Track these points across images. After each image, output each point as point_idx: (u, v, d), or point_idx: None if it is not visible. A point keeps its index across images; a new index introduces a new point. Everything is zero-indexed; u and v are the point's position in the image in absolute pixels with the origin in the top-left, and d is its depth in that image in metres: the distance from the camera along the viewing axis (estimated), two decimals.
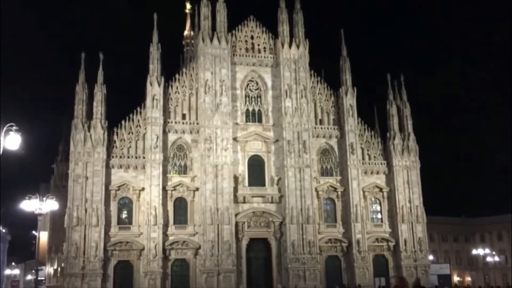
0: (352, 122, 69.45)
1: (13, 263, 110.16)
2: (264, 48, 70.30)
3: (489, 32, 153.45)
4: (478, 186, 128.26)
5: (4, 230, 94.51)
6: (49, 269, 71.45)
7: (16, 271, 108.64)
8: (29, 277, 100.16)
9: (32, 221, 67.42)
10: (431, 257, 77.18)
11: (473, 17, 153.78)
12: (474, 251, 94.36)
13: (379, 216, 69.68)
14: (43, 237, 67.76)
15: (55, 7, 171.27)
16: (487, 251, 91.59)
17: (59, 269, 67.56)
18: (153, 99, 64.00)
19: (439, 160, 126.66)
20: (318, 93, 71.21)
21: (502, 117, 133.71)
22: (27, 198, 35.19)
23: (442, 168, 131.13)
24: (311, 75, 70.75)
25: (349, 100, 70.12)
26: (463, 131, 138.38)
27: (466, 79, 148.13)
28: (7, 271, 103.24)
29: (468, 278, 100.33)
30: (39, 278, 51.14)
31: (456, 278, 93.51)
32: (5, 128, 22.98)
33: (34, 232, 77.26)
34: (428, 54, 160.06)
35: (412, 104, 73.03)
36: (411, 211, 68.45)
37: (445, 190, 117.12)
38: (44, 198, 36.08)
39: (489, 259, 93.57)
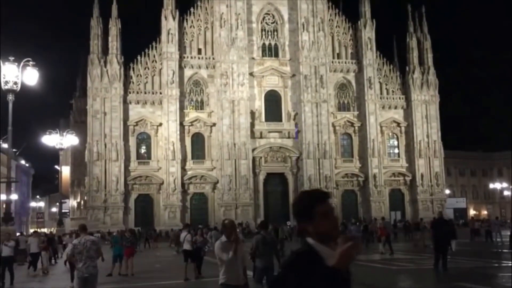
0: (370, 55, 68.09)
1: (37, 196, 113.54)
2: None
3: None
4: (496, 120, 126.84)
5: (27, 164, 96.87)
6: (72, 202, 73.59)
7: (41, 204, 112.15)
8: (53, 209, 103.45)
9: (54, 155, 68.82)
10: (447, 191, 77.60)
11: None
12: (491, 185, 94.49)
13: (396, 151, 69.68)
14: (65, 171, 69.26)
15: None
16: (505, 185, 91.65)
17: (82, 202, 69.59)
18: (168, 33, 63.20)
19: (458, 94, 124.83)
20: (336, 26, 69.52)
21: None
22: (47, 133, 35.73)
23: (461, 102, 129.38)
24: (328, 7, 68.84)
25: (368, 33, 68.43)
26: (484, 65, 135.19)
27: (490, 8, 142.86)
28: (32, 204, 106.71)
29: (484, 212, 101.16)
30: (63, 211, 52.82)
31: (472, 212, 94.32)
32: (22, 63, 23.01)
33: (56, 166, 78.98)
34: None
35: (433, 37, 71.19)
36: (428, 146, 68.22)
37: (463, 124, 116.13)
38: (64, 133, 36.61)
39: (506, 193, 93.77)
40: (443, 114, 69.85)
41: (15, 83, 22.53)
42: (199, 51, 65.56)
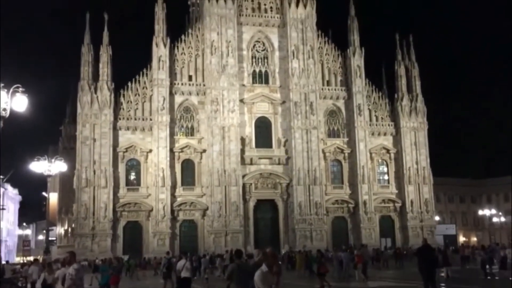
0: (359, 83, 68.80)
1: (24, 224, 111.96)
2: (271, 7, 69.11)
3: None
4: (485, 147, 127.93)
5: (14, 191, 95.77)
6: (59, 230, 72.63)
7: (28, 231, 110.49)
8: (40, 237, 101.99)
9: (42, 182, 68.13)
10: (437, 218, 77.63)
11: None
12: (480, 212, 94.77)
13: (386, 177, 69.85)
14: (53, 198, 68.56)
15: None
16: (494, 211, 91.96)
17: (69, 230, 68.69)
18: (159, 60, 63.52)
19: (446, 121, 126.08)
20: (326, 54, 70.34)
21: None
22: (36, 159, 35.41)
23: (449, 129, 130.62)
24: (318, 35, 69.73)
25: (357, 60, 69.28)
26: (470, 93, 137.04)
27: (475, 40, 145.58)
28: (19, 232, 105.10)
29: (474, 238, 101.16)
30: (50, 238, 51.99)
31: (462, 238, 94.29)
32: (11, 90, 22.89)
33: (44, 193, 78.15)
34: (437, 13, 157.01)
35: (420, 65, 72.21)
36: (418, 172, 68.51)
37: (452, 151, 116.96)
38: (53, 160, 36.30)
39: (495, 219, 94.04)
40: (432, 141, 70.48)
41: (4, 109, 22.37)
42: (190, 77, 65.87)
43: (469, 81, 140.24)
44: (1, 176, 62.90)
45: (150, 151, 62.25)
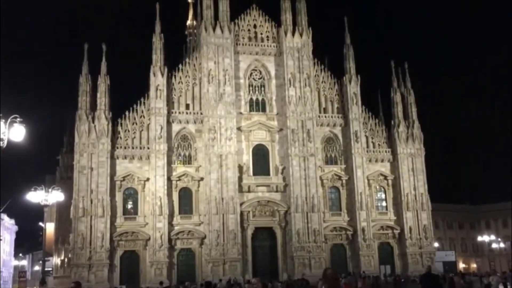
0: (356, 110, 69.26)
1: (20, 254, 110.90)
2: (267, 37, 70.04)
3: (495, 18, 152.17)
4: (483, 173, 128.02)
5: (11, 221, 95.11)
6: (56, 260, 71.86)
7: (24, 262, 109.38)
8: (36, 267, 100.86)
9: (38, 212, 67.84)
10: (436, 245, 77.27)
11: (479, 4, 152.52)
12: (479, 238, 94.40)
13: (384, 204, 69.69)
14: (49, 228, 68.07)
15: None
16: (492, 237, 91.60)
17: (66, 260, 68.00)
18: (157, 89, 63.98)
19: (443, 147, 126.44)
20: (322, 82, 70.97)
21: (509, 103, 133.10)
22: (32, 189, 35.33)
23: (447, 155, 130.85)
24: (314, 63, 70.48)
25: (353, 88, 69.90)
26: (468, 118, 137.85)
27: (470, 65, 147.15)
28: (15, 262, 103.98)
29: (474, 265, 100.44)
30: (46, 269, 51.48)
31: (461, 265, 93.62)
32: (9, 120, 23.01)
33: (40, 223, 77.60)
34: (433, 41, 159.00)
35: (416, 91, 72.80)
36: (416, 198, 68.42)
37: (449, 177, 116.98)
38: (50, 190, 36.21)
39: (494, 245, 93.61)
40: (429, 167, 70.57)
41: (2, 140, 22.44)
42: (187, 106, 66.26)
43: (465, 107, 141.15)
44: None
45: (148, 179, 62.16)
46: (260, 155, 66.62)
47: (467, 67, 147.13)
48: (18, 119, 23.17)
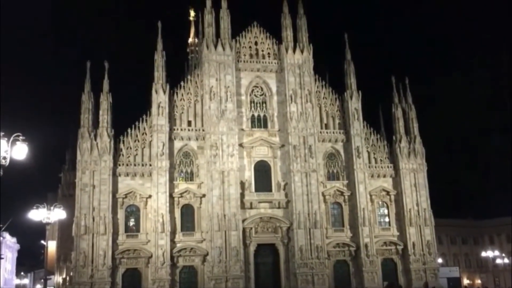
0: (357, 125, 69.37)
1: (22, 273, 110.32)
2: (268, 53, 70.49)
3: (495, 30, 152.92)
4: (486, 188, 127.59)
5: (13, 240, 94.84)
6: (58, 278, 71.57)
7: (25, 281, 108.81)
8: (38, 286, 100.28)
9: (40, 230, 67.69)
10: (440, 260, 76.75)
11: (479, 17, 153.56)
12: (483, 254, 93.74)
13: (386, 219, 69.37)
14: (51, 246, 67.92)
15: (60, 17, 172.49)
16: (497, 253, 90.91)
17: (67, 278, 67.70)
18: (159, 106, 64.24)
19: (446, 162, 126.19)
20: (323, 98, 71.22)
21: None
22: (34, 207, 35.31)
23: (450, 170, 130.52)
24: (315, 79, 70.79)
25: (354, 103, 70.09)
26: (471, 133, 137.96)
27: (472, 78, 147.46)
28: (16, 281, 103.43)
29: (478, 281, 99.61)
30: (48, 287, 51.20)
31: (466, 281, 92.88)
32: (11, 138, 23.10)
33: (42, 241, 77.37)
34: (433, 55, 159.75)
35: (417, 106, 72.91)
36: (419, 214, 68.13)
37: (452, 192, 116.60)
38: (52, 207, 36.20)
39: (498, 261, 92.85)
40: (431, 182, 70.33)
41: (4, 158, 22.51)
42: (189, 123, 66.45)
43: (467, 120, 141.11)
44: (0, 225, 62.46)
45: (150, 196, 62.09)
46: (262, 171, 66.60)
47: (468, 80, 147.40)
48: (21, 137, 23.27)
